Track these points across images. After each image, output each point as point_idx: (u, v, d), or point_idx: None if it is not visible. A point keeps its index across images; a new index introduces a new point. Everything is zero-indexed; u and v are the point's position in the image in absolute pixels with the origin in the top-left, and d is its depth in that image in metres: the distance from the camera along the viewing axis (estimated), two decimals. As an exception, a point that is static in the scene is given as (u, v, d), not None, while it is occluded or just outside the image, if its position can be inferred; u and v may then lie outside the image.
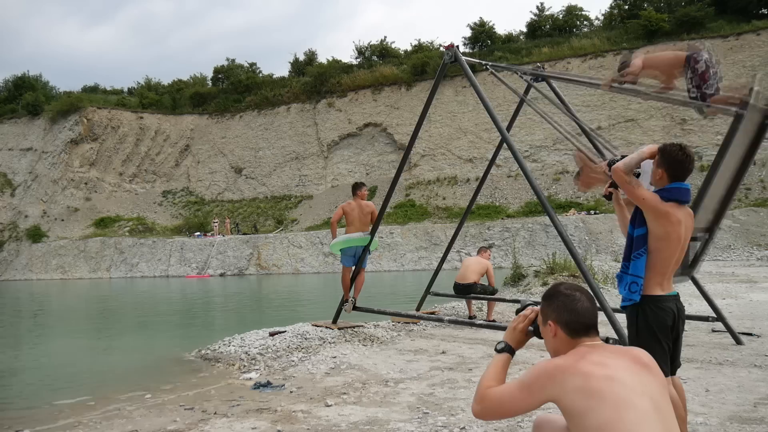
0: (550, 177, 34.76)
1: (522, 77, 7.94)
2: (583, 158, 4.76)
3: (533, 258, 25.21)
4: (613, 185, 3.59)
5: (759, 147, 5.01)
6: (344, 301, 8.37)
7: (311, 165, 42.86)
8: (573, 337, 2.13)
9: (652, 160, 3.34)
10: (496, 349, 2.32)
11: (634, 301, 3.22)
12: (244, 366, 6.70)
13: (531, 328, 2.34)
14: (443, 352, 6.97)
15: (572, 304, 2.14)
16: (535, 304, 2.40)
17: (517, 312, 2.39)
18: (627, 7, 41.67)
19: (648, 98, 6.04)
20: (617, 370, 1.97)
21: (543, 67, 8.25)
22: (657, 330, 3.16)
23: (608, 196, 3.70)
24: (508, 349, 2.31)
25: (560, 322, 2.15)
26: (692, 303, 9.42)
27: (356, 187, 8.60)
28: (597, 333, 2.18)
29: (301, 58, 50.65)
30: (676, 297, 3.28)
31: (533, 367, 2.09)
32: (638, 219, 3.27)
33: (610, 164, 3.39)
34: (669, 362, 3.19)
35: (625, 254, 3.34)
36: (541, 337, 2.29)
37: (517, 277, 13.04)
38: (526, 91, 8.39)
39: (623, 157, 3.36)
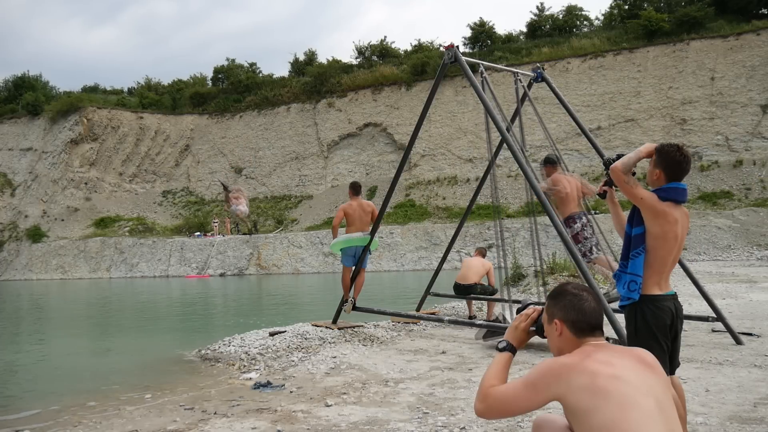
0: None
1: (519, 80, 7.94)
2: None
3: (533, 258, 25.16)
4: (608, 184, 3.60)
5: None
6: (344, 301, 8.37)
7: (311, 165, 42.84)
8: (578, 336, 2.14)
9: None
10: (497, 348, 2.33)
11: (633, 300, 3.23)
12: (244, 366, 6.70)
13: (533, 327, 2.34)
14: (443, 352, 6.97)
15: (580, 304, 2.15)
16: (535, 303, 2.42)
17: (518, 311, 2.40)
18: (627, 7, 41.64)
19: None
20: (623, 369, 1.97)
21: (542, 68, 8.25)
22: (656, 329, 3.17)
23: (603, 195, 3.71)
24: (510, 348, 2.32)
25: (567, 320, 2.15)
26: (692, 303, 9.42)
27: (356, 186, 8.56)
28: (602, 333, 2.18)
29: (301, 58, 50.65)
30: (674, 296, 3.29)
31: (538, 365, 2.09)
32: (636, 218, 3.29)
33: (608, 163, 3.40)
34: (668, 362, 3.21)
35: (623, 253, 3.35)
36: (543, 336, 2.29)
37: (516, 277, 13.03)
38: (525, 93, 8.38)
39: (619, 156, 3.37)
